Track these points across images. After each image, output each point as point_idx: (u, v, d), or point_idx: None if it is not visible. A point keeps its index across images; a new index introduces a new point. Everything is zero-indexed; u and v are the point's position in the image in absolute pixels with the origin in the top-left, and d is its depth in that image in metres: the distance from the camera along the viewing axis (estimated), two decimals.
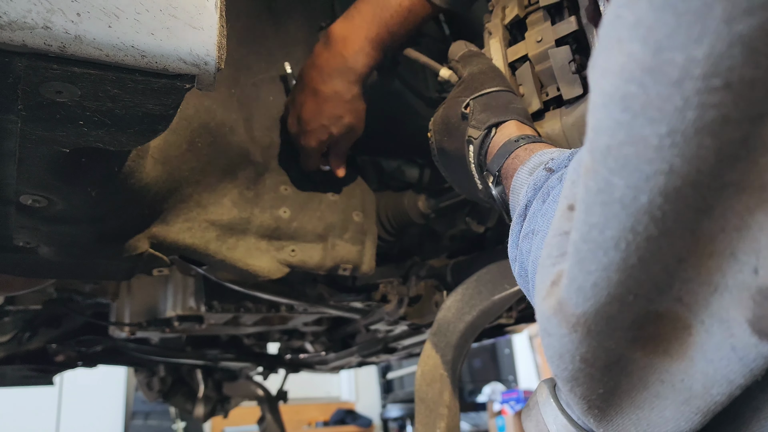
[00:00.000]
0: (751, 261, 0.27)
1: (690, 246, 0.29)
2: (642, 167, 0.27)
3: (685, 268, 0.29)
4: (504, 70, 0.81)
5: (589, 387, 0.35)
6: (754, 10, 0.24)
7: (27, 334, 1.67)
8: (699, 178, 0.27)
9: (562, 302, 0.33)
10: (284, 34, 1.08)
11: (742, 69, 0.24)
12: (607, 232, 0.29)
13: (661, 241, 0.28)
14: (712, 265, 0.29)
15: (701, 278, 0.29)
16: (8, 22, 0.42)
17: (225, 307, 1.39)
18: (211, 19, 0.49)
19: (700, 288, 0.29)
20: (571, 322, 0.32)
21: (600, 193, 0.29)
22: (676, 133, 0.26)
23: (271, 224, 1.02)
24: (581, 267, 0.31)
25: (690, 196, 0.27)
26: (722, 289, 0.29)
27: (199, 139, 0.91)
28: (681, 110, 0.26)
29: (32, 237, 0.80)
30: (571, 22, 0.74)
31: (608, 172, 0.29)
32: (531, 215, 0.52)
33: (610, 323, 0.31)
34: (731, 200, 0.27)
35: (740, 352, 0.28)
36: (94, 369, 2.01)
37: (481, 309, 0.98)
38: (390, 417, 6.06)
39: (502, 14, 0.84)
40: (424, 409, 0.93)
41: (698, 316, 0.30)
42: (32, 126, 0.53)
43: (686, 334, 0.31)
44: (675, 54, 0.26)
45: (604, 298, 0.30)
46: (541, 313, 0.36)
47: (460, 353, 0.96)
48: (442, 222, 1.29)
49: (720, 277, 0.29)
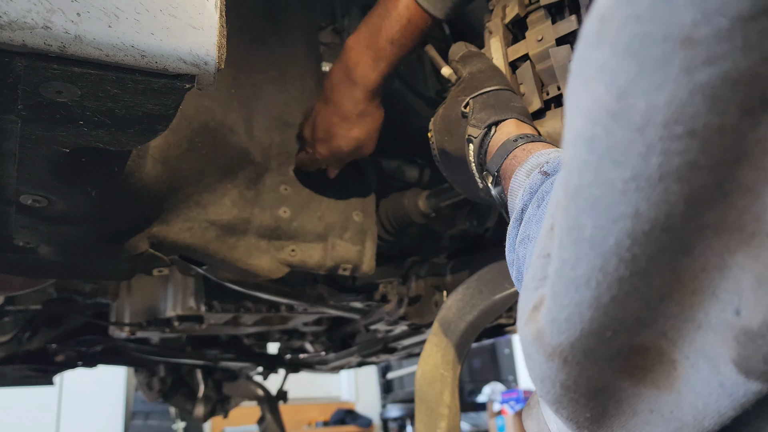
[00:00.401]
0: (733, 301, 0.27)
1: (671, 284, 0.28)
2: (609, 209, 0.27)
3: (668, 304, 0.29)
4: (504, 69, 0.81)
5: (574, 411, 0.34)
6: (714, 60, 0.24)
7: (27, 334, 1.67)
8: (670, 222, 0.26)
9: (541, 331, 0.33)
10: (284, 34, 1.08)
11: (707, 117, 0.24)
12: (578, 269, 0.29)
13: (634, 280, 0.28)
14: (695, 303, 0.28)
15: (684, 314, 0.29)
16: (8, 22, 0.42)
17: (225, 307, 1.39)
18: (211, 19, 0.49)
19: (683, 324, 0.29)
20: (548, 352, 0.32)
21: (571, 231, 0.29)
22: (640, 178, 0.26)
23: (271, 224, 1.02)
24: (555, 300, 0.31)
25: (662, 238, 0.27)
26: (706, 326, 0.28)
27: (199, 139, 0.91)
28: (645, 156, 0.25)
29: (32, 237, 0.80)
30: (571, 20, 0.74)
31: (578, 211, 0.29)
32: (527, 220, 0.52)
33: (589, 355, 0.31)
34: (710, 240, 0.27)
35: (729, 389, 0.28)
36: (94, 369, 2.01)
37: (482, 309, 0.98)
38: (390, 417, 6.06)
39: (502, 13, 0.84)
40: (424, 409, 0.93)
41: (683, 351, 0.30)
42: (32, 126, 0.53)
43: (671, 368, 0.30)
44: (637, 100, 0.25)
45: (578, 333, 0.30)
46: (522, 337, 0.35)
47: (460, 353, 0.96)
48: (442, 222, 1.29)
49: (703, 315, 0.28)
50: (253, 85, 1.03)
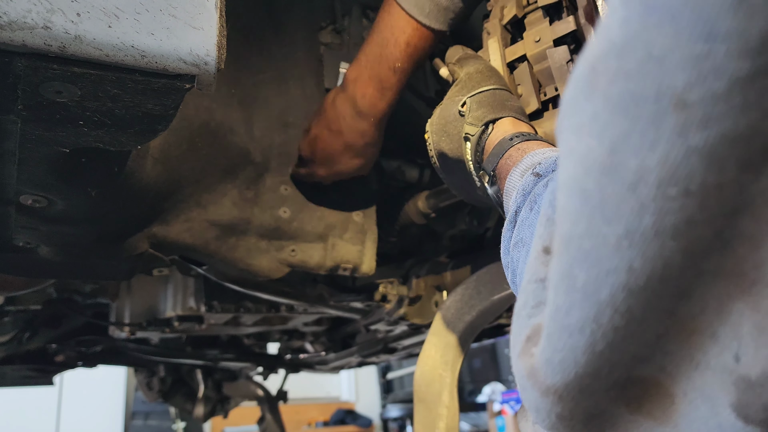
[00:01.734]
0: (732, 346, 0.26)
1: (669, 324, 0.27)
2: (601, 262, 0.26)
3: (666, 342, 0.28)
4: (502, 70, 0.82)
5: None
6: (711, 122, 0.23)
7: (27, 334, 1.67)
8: (666, 273, 0.25)
9: (535, 368, 0.32)
10: (284, 34, 1.08)
11: (704, 176, 0.23)
12: (571, 317, 0.28)
13: (631, 327, 0.27)
14: (693, 342, 0.28)
15: (683, 353, 0.28)
16: (8, 22, 0.42)
17: (225, 307, 1.39)
18: (211, 19, 0.49)
19: (682, 361, 0.28)
20: (542, 389, 0.31)
21: (564, 279, 0.29)
22: (634, 234, 0.25)
23: (271, 224, 1.02)
24: (549, 342, 0.30)
25: (659, 288, 0.26)
26: (704, 366, 0.28)
27: (199, 139, 0.91)
28: (638, 213, 0.25)
29: (32, 237, 0.80)
30: (569, 21, 0.74)
31: (570, 261, 0.28)
32: (520, 223, 0.52)
33: (585, 391, 0.30)
34: (709, 285, 0.26)
35: (727, 430, 0.27)
36: (94, 369, 2.01)
37: (481, 309, 0.98)
38: (390, 417, 6.06)
39: (500, 14, 0.84)
40: (423, 410, 0.93)
41: (681, 386, 0.29)
42: (32, 126, 0.53)
43: (669, 401, 0.30)
44: (629, 158, 0.25)
45: (572, 375, 0.30)
46: (516, 370, 0.35)
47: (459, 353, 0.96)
48: (443, 222, 1.29)
49: (702, 355, 0.28)
50: (254, 85, 1.03)
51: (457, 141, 0.73)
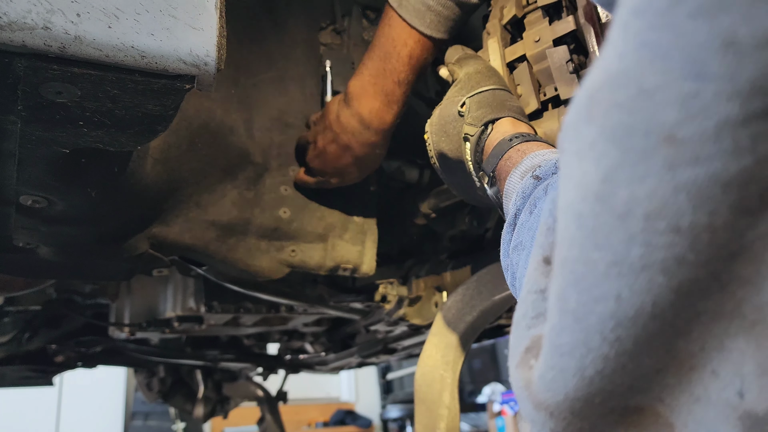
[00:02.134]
0: (735, 382, 0.26)
1: (666, 360, 0.27)
2: (591, 289, 0.26)
3: (664, 376, 0.28)
4: (502, 70, 0.81)
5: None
6: (700, 161, 0.22)
7: (27, 335, 1.67)
8: (658, 311, 0.25)
9: (530, 381, 0.32)
10: (284, 34, 1.08)
11: (693, 216, 0.23)
12: (562, 337, 0.28)
13: (622, 360, 0.27)
14: (693, 378, 0.27)
15: (682, 387, 0.28)
16: (8, 23, 0.42)
17: (225, 307, 1.39)
18: (211, 20, 0.49)
19: (681, 395, 0.28)
20: (535, 403, 0.31)
21: (558, 299, 0.29)
22: (622, 265, 0.25)
23: (271, 224, 1.02)
24: (544, 359, 0.30)
25: (650, 325, 0.26)
26: (705, 401, 0.27)
27: (199, 139, 0.91)
28: (626, 244, 0.25)
29: (32, 237, 0.80)
30: (569, 21, 0.74)
31: (564, 282, 0.28)
32: (519, 226, 0.52)
33: (577, 414, 0.30)
34: (708, 325, 0.26)
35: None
36: (93, 369, 2.01)
37: (482, 310, 0.98)
38: (390, 417, 6.06)
39: (500, 14, 0.84)
40: (424, 410, 0.93)
41: (681, 418, 0.28)
42: (32, 127, 0.53)
43: (669, 431, 0.29)
44: (620, 188, 0.25)
45: (561, 397, 0.29)
46: (513, 380, 0.34)
47: (460, 354, 0.96)
48: (443, 222, 1.29)
49: (702, 390, 0.27)
50: (253, 85, 1.03)
51: (456, 141, 0.73)
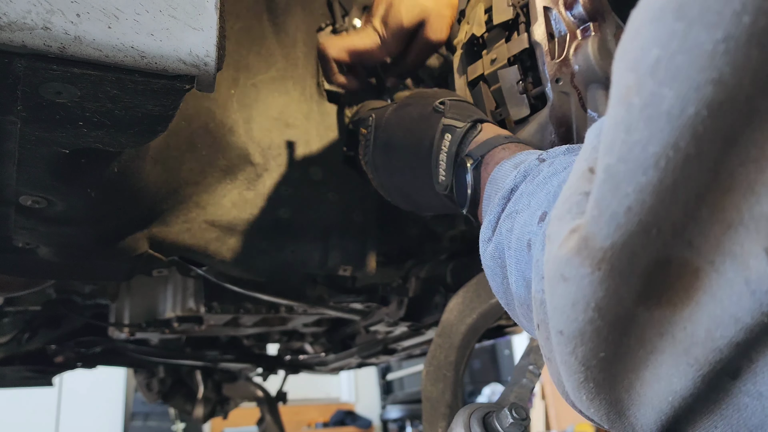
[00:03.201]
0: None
1: (709, 181, 0.29)
2: (693, 76, 0.28)
3: (701, 206, 0.29)
4: (464, 88, 0.82)
5: (593, 346, 0.34)
6: None
7: (26, 335, 1.67)
8: (738, 94, 0.27)
9: (588, 237, 0.33)
10: (284, 34, 1.08)
11: None
12: (649, 148, 0.29)
13: (693, 164, 0.29)
14: (727, 203, 0.29)
15: (715, 217, 0.30)
16: (8, 23, 0.42)
17: (224, 308, 1.39)
18: (211, 20, 0.49)
19: (712, 228, 0.30)
20: (597, 258, 0.32)
21: (645, 108, 0.30)
22: (730, 40, 0.26)
23: (271, 225, 1.02)
24: (617, 191, 0.31)
25: (728, 113, 0.27)
26: (737, 224, 0.29)
27: (198, 140, 0.91)
28: (738, 14, 0.26)
29: (32, 238, 0.80)
30: (522, 39, 0.73)
31: (657, 85, 0.29)
32: (517, 196, 0.52)
33: (632, 262, 0.31)
34: (755, 132, 0.28)
35: (754, 284, 0.29)
36: (93, 370, 2.01)
37: (481, 312, 0.98)
38: (389, 418, 6.06)
39: (464, 33, 0.83)
40: (429, 408, 0.94)
41: (707, 257, 0.30)
42: (32, 127, 0.53)
43: (693, 278, 0.31)
44: None
45: (635, 226, 0.30)
46: (557, 260, 0.35)
47: (462, 354, 0.97)
48: (442, 223, 1.29)
49: (735, 214, 0.29)
50: (253, 86, 1.03)
51: (426, 133, 0.73)
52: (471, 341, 0.98)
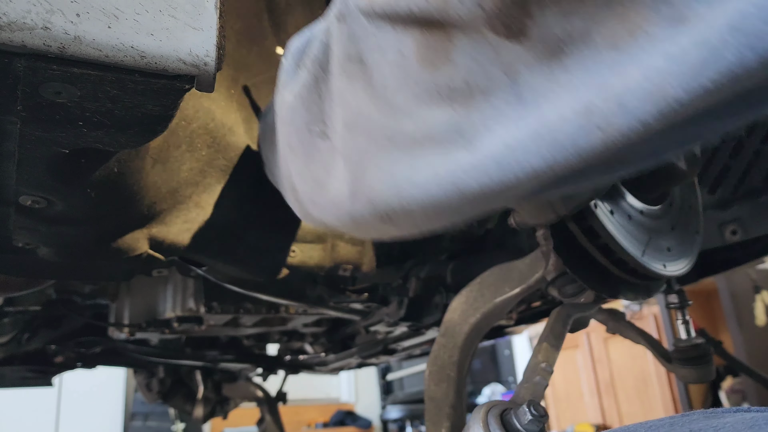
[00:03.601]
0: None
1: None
2: None
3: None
4: None
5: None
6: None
7: (26, 335, 1.67)
8: None
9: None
10: (284, 34, 1.08)
11: None
12: None
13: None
14: None
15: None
16: (8, 23, 0.42)
17: (224, 308, 1.39)
18: (211, 20, 0.49)
19: None
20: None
21: None
22: None
23: (271, 224, 1.02)
24: None
25: None
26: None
27: (198, 139, 0.91)
28: None
29: (32, 238, 0.80)
30: None
31: None
32: None
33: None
34: None
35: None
36: (93, 370, 2.01)
37: (484, 312, 0.98)
38: (390, 418, 6.06)
39: None
40: (432, 408, 0.94)
41: None
42: (32, 127, 0.53)
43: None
44: None
45: None
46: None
47: (465, 354, 0.97)
48: None
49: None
50: (253, 85, 1.03)
51: None
52: (474, 341, 0.98)
